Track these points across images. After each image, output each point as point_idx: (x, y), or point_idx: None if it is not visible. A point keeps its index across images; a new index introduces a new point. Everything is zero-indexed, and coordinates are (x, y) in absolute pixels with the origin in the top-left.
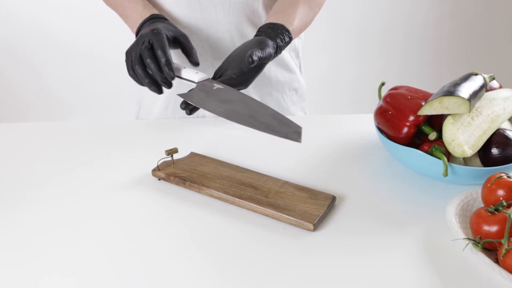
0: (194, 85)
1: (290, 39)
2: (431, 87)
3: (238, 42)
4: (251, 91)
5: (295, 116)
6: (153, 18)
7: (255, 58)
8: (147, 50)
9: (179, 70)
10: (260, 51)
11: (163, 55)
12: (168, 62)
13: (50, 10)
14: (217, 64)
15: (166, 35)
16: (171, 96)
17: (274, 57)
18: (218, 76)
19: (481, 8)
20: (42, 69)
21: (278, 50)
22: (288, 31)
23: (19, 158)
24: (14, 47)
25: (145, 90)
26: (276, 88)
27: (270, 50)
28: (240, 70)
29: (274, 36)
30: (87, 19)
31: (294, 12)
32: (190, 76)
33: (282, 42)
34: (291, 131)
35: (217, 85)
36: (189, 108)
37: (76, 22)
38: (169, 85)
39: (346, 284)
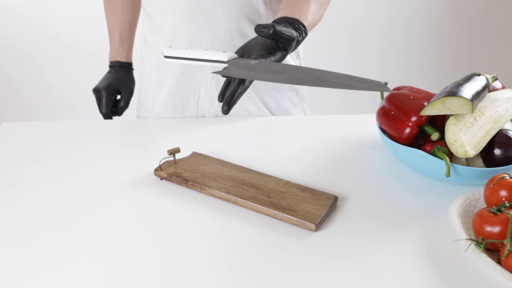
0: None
1: (306, 35)
2: (433, 88)
3: (237, 42)
4: (250, 90)
5: (295, 116)
6: (114, 67)
7: (278, 28)
8: (99, 102)
9: (200, 52)
10: (283, 27)
11: (105, 113)
12: (106, 117)
13: (53, 10)
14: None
15: (110, 93)
16: (171, 94)
17: (294, 48)
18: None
19: (483, 8)
20: (45, 69)
21: (297, 43)
22: (304, 26)
23: (22, 157)
24: (18, 47)
25: (145, 86)
26: (275, 88)
27: (293, 32)
28: (267, 51)
29: (293, 29)
30: (90, 19)
31: (308, 8)
32: (216, 56)
33: (300, 36)
34: (375, 85)
35: (253, 61)
36: (230, 107)
37: (79, 22)
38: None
39: (348, 285)
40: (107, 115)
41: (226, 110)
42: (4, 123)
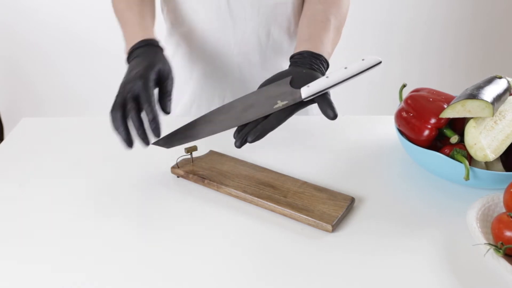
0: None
1: (328, 66)
2: (452, 90)
3: (264, 44)
4: None
5: (313, 116)
6: (143, 46)
7: (336, 113)
8: (132, 101)
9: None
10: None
11: (150, 111)
12: (156, 120)
13: (69, 7)
14: (243, 65)
15: (153, 82)
16: (196, 95)
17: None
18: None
19: (502, 9)
20: (60, 65)
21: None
22: (327, 63)
23: (41, 152)
24: (34, 44)
25: None
26: None
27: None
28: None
29: (318, 68)
30: (105, 16)
31: (329, 38)
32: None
33: (324, 72)
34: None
35: (280, 104)
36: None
37: (94, 19)
38: (147, 143)
39: (363, 285)
40: (155, 123)
41: (239, 145)
42: (23, 118)
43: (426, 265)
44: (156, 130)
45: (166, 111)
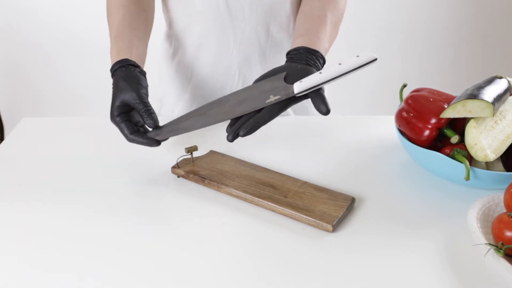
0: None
1: (325, 62)
2: (453, 90)
3: (264, 43)
4: None
5: (313, 116)
6: (116, 71)
7: (329, 108)
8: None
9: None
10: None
11: (133, 141)
12: (145, 142)
13: (68, 7)
14: (243, 64)
15: (124, 115)
16: (196, 94)
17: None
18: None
19: (502, 9)
20: (60, 65)
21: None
22: (324, 59)
23: (41, 152)
24: (34, 44)
25: (168, 88)
26: None
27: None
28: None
29: (314, 63)
30: (105, 16)
31: (325, 34)
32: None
33: (320, 68)
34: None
35: (272, 98)
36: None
37: (94, 19)
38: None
39: (364, 286)
40: (136, 137)
41: (231, 139)
42: (23, 118)
43: (426, 265)
44: (152, 145)
45: (157, 125)
